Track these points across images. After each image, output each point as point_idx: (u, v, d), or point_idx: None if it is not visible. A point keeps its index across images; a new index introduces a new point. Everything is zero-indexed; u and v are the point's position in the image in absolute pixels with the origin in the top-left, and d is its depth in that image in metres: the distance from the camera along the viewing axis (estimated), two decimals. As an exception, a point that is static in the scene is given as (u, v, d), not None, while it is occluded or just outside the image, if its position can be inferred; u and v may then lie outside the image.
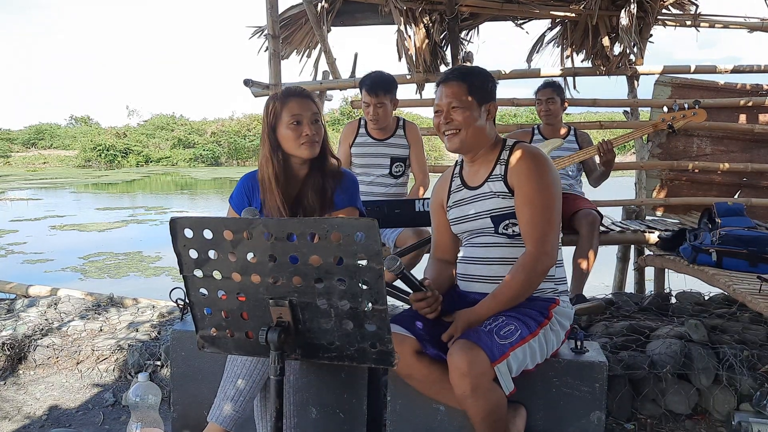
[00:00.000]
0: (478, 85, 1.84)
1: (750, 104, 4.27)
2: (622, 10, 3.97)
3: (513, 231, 1.83)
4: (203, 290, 1.37)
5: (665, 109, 3.68)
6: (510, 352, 1.64)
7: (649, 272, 4.05)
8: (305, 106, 1.93)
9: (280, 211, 1.91)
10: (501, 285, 1.78)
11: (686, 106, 3.41)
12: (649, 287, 4.02)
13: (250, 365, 1.77)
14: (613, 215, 4.32)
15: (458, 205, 1.94)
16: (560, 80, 4.08)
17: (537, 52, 4.57)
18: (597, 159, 3.30)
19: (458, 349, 1.61)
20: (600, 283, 4.59)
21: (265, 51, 3.70)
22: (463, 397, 1.60)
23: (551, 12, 4.26)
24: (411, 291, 1.76)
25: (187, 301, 1.40)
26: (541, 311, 1.79)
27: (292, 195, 1.96)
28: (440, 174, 2.13)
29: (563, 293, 1.89)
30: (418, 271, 2.92)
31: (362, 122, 3.24)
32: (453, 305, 1.85)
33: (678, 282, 3.38)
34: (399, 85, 3.24)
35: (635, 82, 4.37)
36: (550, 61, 4.56)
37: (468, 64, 4.41)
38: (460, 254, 1.99)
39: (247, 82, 3.63)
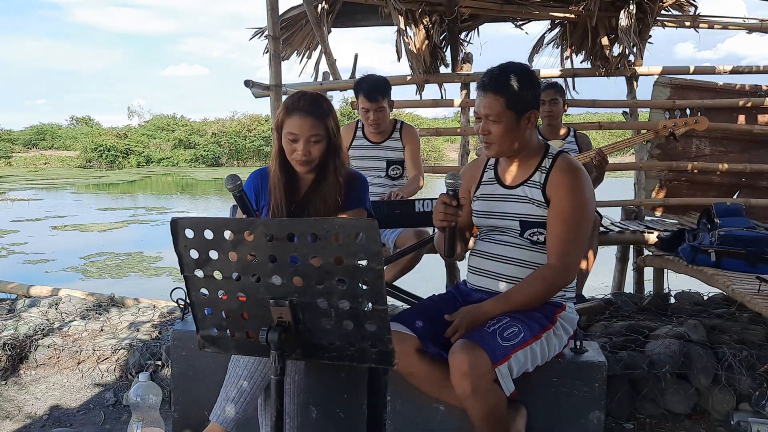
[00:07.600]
0: (516, 97, 1.77)
1: (749, 105, 4.27)
2: (622, 11, 3.98)
3: (538, 239, 1.83)
4: (204, 290, 1.37)
5: (667, 115, 3.67)
6: (512, 354, 1.64)
7: (649, 272, 4.04)
8: (305, 125, 1.82)
9: (280, 209, 1.90)
10: (514, 289, 1.79)
11: (688, 112, 3.40)
12: (648, 287, 4.02)
13: (252, 366, 1.76)
14: (612, 216, 4.31)
15: (486, 199, 1.92)
16: (560, 81, 4.09)
17: (537, 53, 4.58)
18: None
19: (460, 349, 1.61)
20: (599, 284, 4.58)
21: (266, 52, 3.71)
22: (464, 397, 1.61)
23: (551, 13, 4.27)
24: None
25: (187, 301, 1.41)
26: (547, 315, 1.79)
27: (297, 198, 1.94)
28: (439, 174, 2.13)
29: (570, 299, 1.90)
30: (418, 271, 2.95)
31: (359, 125, 3.24)
32: (456, 305, 1.85)
33: (677, 282, 3.38)
34: (399, 86, 3.24)
35: (634, 82, 4.37)
36: (549, 62, 4.57)
37: (468, 65, 4.42)
38: (474, 246, 1.98)
39: (248, 83, 3.63)
